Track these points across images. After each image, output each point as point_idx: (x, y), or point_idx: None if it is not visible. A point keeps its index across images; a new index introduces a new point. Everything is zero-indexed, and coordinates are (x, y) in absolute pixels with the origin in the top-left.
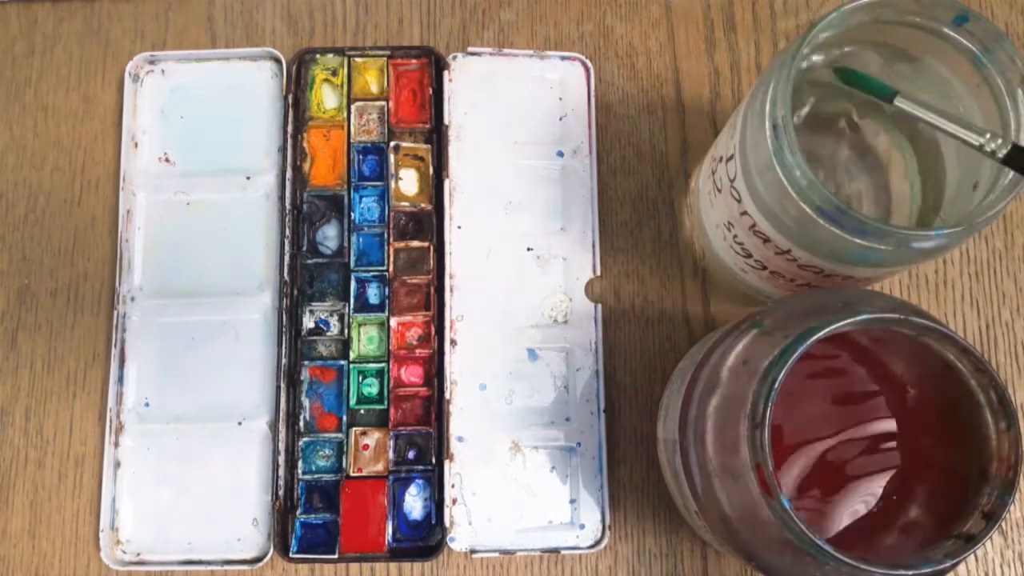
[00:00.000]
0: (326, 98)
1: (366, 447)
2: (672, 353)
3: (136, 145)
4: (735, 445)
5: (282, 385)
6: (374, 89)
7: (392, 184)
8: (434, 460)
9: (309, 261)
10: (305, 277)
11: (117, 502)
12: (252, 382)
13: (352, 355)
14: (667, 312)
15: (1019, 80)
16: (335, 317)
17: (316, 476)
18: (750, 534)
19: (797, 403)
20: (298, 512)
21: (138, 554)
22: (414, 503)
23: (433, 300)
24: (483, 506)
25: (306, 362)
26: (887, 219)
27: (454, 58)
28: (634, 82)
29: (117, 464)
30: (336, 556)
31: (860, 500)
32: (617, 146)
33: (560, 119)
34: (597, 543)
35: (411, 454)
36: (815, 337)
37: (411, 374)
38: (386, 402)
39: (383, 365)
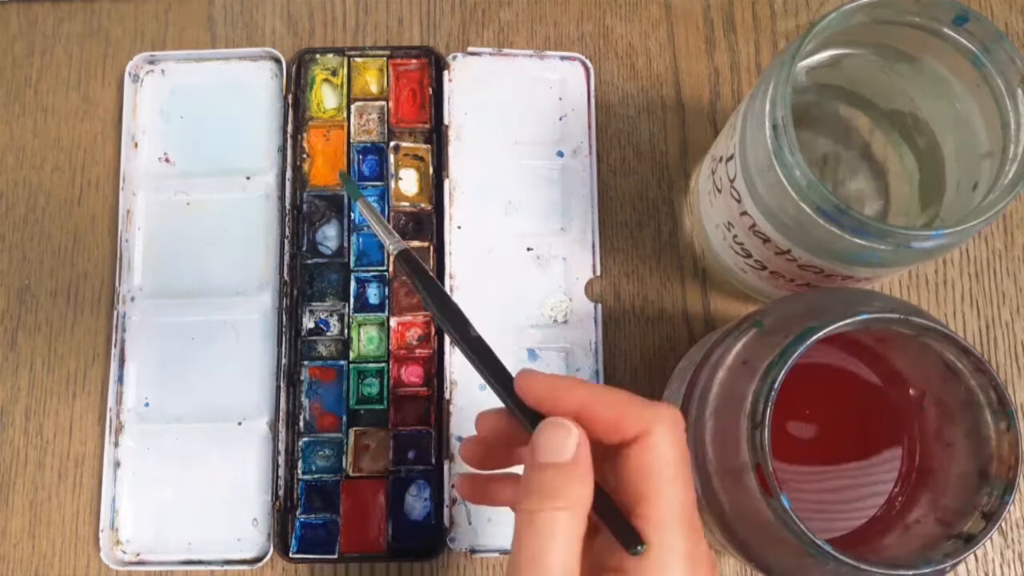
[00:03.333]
0: (326, 98)
1: (366, 447)
2: (672, 353)
3: (136, 145)
4: (735, 445)
5: (282, 385)
6: (374, 89)
7: (392, 184)
8: (434, 460)
9: (309, 261)
10: (305, 277)
11: (117, 502)
12: (252, 382)
13: (352, 355)
14: (667, 312)
15: (1019, 80)
16: (335, 317)
17: (316, 476)
18: (750, 534)
19: (797, 404)
20: (298, 512)
21: (138, 554)
22: (414, 503)
23: None
24: (483, 506)
25: (306, 362)
26: (887, 219)
27: (454, 58)
28: (634, 82)
29: (117, 464)
30: (336, 556)
31: (860, 500)
32: (617, 146)
33: (560, 119)
34: None
35: (411, 454)
36: (815, 337)
37: (411, 374)
38: (386, 402)
39: (383, 365)
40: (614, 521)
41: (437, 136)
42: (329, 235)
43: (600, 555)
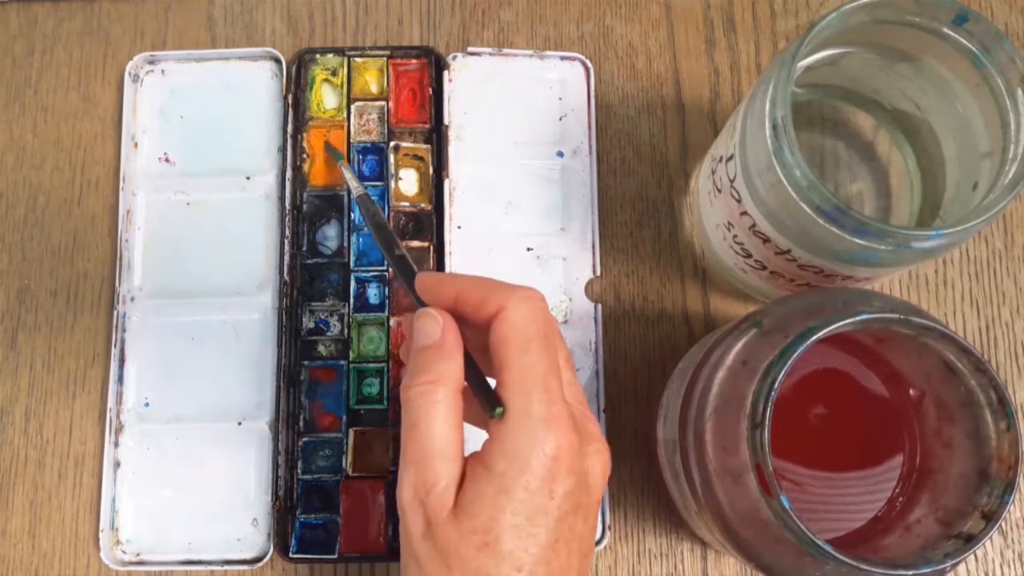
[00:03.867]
0: (326, 98)
1: (366, 447)
2: (672, 353)
3: (136, 145)
4: (735, 445)
5: (282, 385)
6: (374, 89)
7: (392, 184)
8: None
9: (309, 261)
10: (305, 277)
11: (117, 502)
12: (252, 382)
13: (352, 355)
14: (667, 312)
15: (1019, 80)
16: (335, 317)
17: (316, 476)
18: (750, 534)
19: (797, 403)
20: (298, 512)
21: (138, 554)
22: None
23: None
24: None
25: (306, 362)
26: (887, 219)
27: (454, 58)
28: (634, 82)
29: (117, 464)
30: (336, 556)
31: (860, 500)
32: (617, 146)
33: (560, 119)
34: (597, 543)
35: None
36: (815, 337)
37: None
38: (386, 402)
39: (383, 365)
40: (480, 390)
41: (437, 136)
42: (329, 235)
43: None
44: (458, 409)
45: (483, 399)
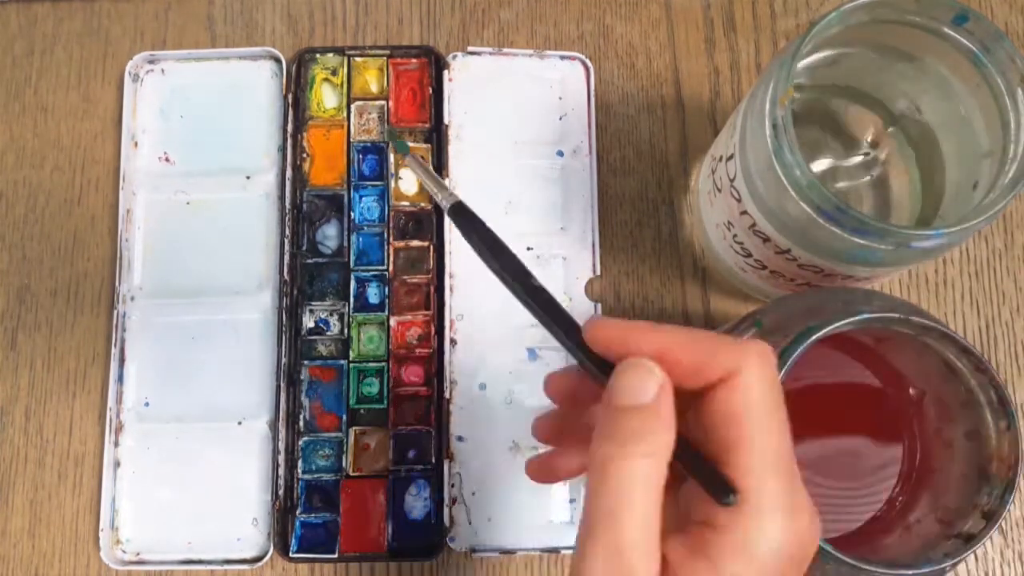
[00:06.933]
0: (326, 98)
1: (366, 447)
2: None
3: (136, 144)
4: None
5: (282, 385)
6: (374, 89)
7: (392, 184)
8: (434, 460)
9: (309, 261)
10: (305, 277)
11: (117, 502)
12: (252, 382)
13: (352, 355)
14: (667, 312)
15: (1019, 80)
16: (335, 317)
17: (316, 476)
18: None
19: (797, 403)
20: (298, 512)
21: (138, 554)
22: (414, 503)
23: (433, 300)
24: (483, 506)
25: (306, 362)
26: (887, 219)
27: (454, 58)
28: (634, 82)
29: (117, 464)
30: (336, 556)
31: (860, 500)
32: (617, 146)
33: (560, 119)
34: None
35: (411, 454)
36: (815, 337)
37: (411, 374)
38: (386, 402)
39: (383, 365)
40: (702, 470)
41: (437, 136)
42: (329, 235)
43: (683, 508)
44: (663, 489)
45: (709, 482)
